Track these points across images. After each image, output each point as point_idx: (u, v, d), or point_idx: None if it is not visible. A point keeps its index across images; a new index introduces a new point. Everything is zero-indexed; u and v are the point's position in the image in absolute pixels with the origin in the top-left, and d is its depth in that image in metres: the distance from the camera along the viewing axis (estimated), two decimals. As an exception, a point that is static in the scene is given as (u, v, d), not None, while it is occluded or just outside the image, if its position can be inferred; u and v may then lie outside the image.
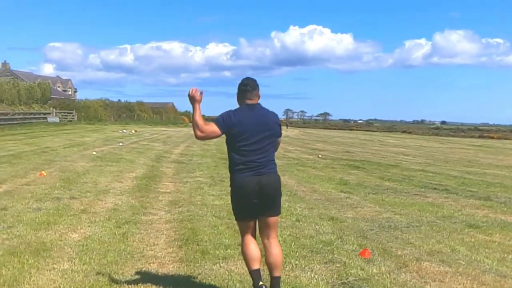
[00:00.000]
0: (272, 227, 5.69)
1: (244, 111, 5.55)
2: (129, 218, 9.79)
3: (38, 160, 19.72)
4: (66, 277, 6.31)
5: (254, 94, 5.63)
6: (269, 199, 5.55)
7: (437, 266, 7.25)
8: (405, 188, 15.50)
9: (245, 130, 5.42)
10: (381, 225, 9.90)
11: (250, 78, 5.72)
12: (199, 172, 17.86)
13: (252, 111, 5.55)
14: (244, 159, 5.44)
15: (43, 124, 57.25)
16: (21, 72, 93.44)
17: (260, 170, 5.46)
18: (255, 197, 5.43)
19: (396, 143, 52.52)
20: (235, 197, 5.61)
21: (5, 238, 8.07)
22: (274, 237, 5.73)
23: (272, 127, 5.63)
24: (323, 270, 6.90)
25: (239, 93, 5.67)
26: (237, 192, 5.53)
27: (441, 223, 10.32)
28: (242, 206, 5.56)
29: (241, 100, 5.67)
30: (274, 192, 5.60)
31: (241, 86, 5.65)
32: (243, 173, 5.44)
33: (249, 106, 5.58)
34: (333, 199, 12.85)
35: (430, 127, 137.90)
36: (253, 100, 5.62)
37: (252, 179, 5.41)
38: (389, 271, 6.93)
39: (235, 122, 5.42)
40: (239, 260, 7.14)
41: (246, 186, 5.42)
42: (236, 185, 5.52)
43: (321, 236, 8.82)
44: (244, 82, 5.66)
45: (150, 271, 6.68)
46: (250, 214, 5.58)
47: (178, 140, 39.05)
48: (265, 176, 5.49)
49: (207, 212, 10.57)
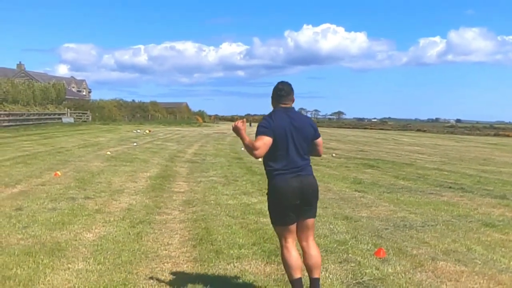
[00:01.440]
0: (311, 228, 5.67)
1: (280, 114, 5.49)
2: (143, 217, 9.81)
3: (53, 160, 19.80)
4: (81, 277, 6.33)
5: (289, 99, 5.59)
6: (309, 200, 5.52)
7: (453, 266, 7.19)
8: (420, 187, 15.41)
9: (283, 133, 5.37)
10: (396, 224, 9.84)
11: (285, 82, 5.67)
12: (212, 171, 17.87)
13: (288, 114, 5.50)
14: (284, 163, 5.39)
15: (58, 124, 57.57)
16: (35, 73, 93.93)
17: (299, 172, 5.43)
18: (296, 199, 5.38)
19: (411, 141, 52.32)
20: (276, 201, 5.49)
21: (20, 238, 8.10)
22: (313, 239, 5.71)
23: (308, 130, 5.59)
24: (337, 270, 6.86)
25: (274, 97, 5.63)
26: (278, 195, 5.43)
27: (457, 222, 10.25)
28: (283, 209, 5.46)
29: (275, 104, 5.63)
30: (314, 193, 5.57)
31: (276, 91, 5.60)
32: (283, 176, 5.39)
33: (285, 109, 5.55)
34: (347, 198, 12.80)
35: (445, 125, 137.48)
36: (287, 104, 5.59)
37: (293, 181, 5.36)
38: (404, 271, 6.89)
39: (274, 126, 5.38)
40: (253, 260, 7.14)
41: (288, 188, 5.35)
42: (277, 189, 5.43)
43: (335, 235, 8.78)
44: (279, 86, 5.61)
45: (164, 271, 6.68)
46: (292, 217, 5.50)
47: (192, 139, 39.11)
48: (305, 177, 5.46)
49: (221, 211, 10.57)
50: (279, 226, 5.60)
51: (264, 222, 9.46)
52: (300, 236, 5.63)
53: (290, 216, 5.47)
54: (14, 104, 54.38)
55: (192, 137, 43.63)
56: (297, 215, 5.51)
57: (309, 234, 5.65)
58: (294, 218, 5.50)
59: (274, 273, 6.62)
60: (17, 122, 49.50)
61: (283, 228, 5.55)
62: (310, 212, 5.60)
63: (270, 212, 5.64)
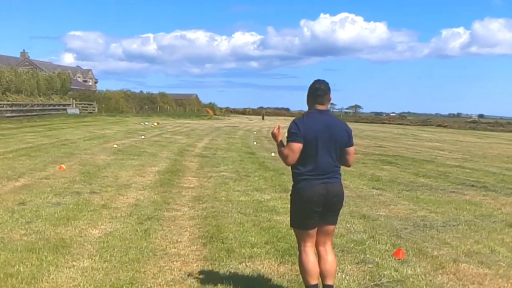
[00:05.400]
0: (330, 234, 5.71)
1: (313, 117, 5.47)
2: (151, 214, 9.82)
3: (57, 153, 19.88)
4: (86, 275, 6.34)
5: (325, 99, 5.55)
6: (333, 207, 5.54)
7: (475, 268, 7.15)
8: (441, 185, 15.35)
9: (313, 137, 5.34)
10: (415, 224, 9.80)
11: (321, 80, 5.62)
12: (223, 166, 17.89)
13: (322, 118, 5.48)
14: (311, 167, 5.38)
15: (63, 115, 57.70)
16: (40, 61, 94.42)
17: (326, 179, 5.41)
18: (320, 205, 5.39)
19: (431, 137, 52.16)
20: (299, 205, 5.49)
21: (23, 234, 8.13)
22: (330, 244, 5.73)
23: (343, 136, 5.54)
24: (354, 271, 6.84)
25: (310, 97, 5.59)
26: (302, 200, 5.43)
27: (480, 222, 10.19)
28: (306, 214, 5.45)
29: (311, 104, 5.59)
30: (339, 201, 5.58)
31: (313, 90, 5.55)
32: (310, 181, 5.38)
33: (320, 112, 5.51)
34: (365, 196, 12.76)
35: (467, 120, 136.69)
36: (324, 105, 5.55)
37: (319, 188, 5.36)
38: (425, 273, 6.85)
39: (304, 130, 5.34)
40: (266, 259, 7.13)
41: (312, 195, 5.35)
42: (301, 194, 5.43)
43: (352, 235, 8.76)
44: (315, 85, 5.56)
45: (173, 270, 6.67)
46: (314, 222, 5.50)
47: (202, 133, 39.20)
48: (332, 185, 5.45)
49: (232, 208, 10.56)
50: (299, 230, 5.60)
51: (277, 220, 9.45)
52: (318, 240, 5.63)
53: (312, 221, 5.47)
54: (17, 94, 54.65)
55: (202, 130, 43.73)
56: (319, 221, 5.51)
57: (328, 239, 5.68)
58: (316, 223, 5.50)
59: (288, 274, 6.61)
60: (20, 113, 49.67)
61: (304, 232, 5.55)
62: (332, 219, 5.62)
63: (292, 214, 5.64)
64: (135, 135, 32.98)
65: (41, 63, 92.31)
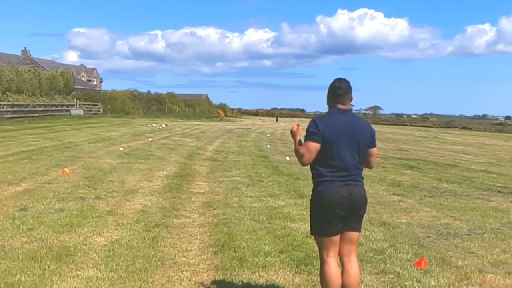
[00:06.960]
0: (355, 243, 5.65)
1: (333, 117, 5.48)
2: (159, 220, 9.84)
3: (60, 156, 19.95)
4: (91, 285, 6.36)
5: (346, 98, 5.55)
6: (357, 212, 5.52)
7: (502, 279, 7.12)
8: (465, 191, 15.30)
9: (334, 137, 5.34)
10: (439, 232, 9.77)
11: (342, 79, 5.64)
12: (235, 171, 17.91)
13: (343, 117, 5.49)
14: (333, 169, 5.37)
15: (66, 117, 58.04)
16: (42, 60, 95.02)
17: (349, 181, 5.42)
18: (343, 209, 5.36)
19: (455, 140, 51.98)
20: (321, 209, 5.46)
21: (25, 241, 8.16)
22: (355, 255, 5.67)
23: (366, 136, 5.56)
24: (374, 282, 6.83)
25: (330, 97, 5.60)
26: (324, 203, 5.40)
27: (507, 230, 10.15)
28: (328, 219, 5.42)
29: (332, 104, 5.60)
30: (363, 205, 5.57)
31: (333, 89, 5.57)
32: (331, 183, 5.36)
33: (342, 111, 5.53)
34: (385, 203, 12.73)
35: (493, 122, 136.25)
36: (345, 105, 5.55)
37: (342, 190, 5.35)
38: (449, 284, 6.83)
39: (324, 129, 5.34)
40: (281, 269, 7.13)
41: (335, 198, 5.33)
42: (322, 196, 5.41)
43: (371, 243, 8.74)
44: (336, 84, 5.57)
45: (182, 280, 6.68)
46: (337, 228, 5.46)
47: (213, 135, 39.26)
48: (355, 187, 5.45)
49: (245, 215, 10.57)
50: (320, 237, 5.54)
51: (292, 228, 9.45)
52: (341, 249, 5.58)
53: (335, 226, 5.43)
54: (18, 94, 54.85)
55: (212, 132, 43.79)
56: (342, 227, 5.48)
57: (352, 250, 5.61)
58: (339, 229, 5.47)
59: (304, 284, 6.61)
60: (21, 114, 49.95)
61: (326, 239, 5.49)
62: (356, 225, 5.58)
63: (312, 220, 5.61)
64: (142, 137, 33.09)
65: (43, 62, 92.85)
